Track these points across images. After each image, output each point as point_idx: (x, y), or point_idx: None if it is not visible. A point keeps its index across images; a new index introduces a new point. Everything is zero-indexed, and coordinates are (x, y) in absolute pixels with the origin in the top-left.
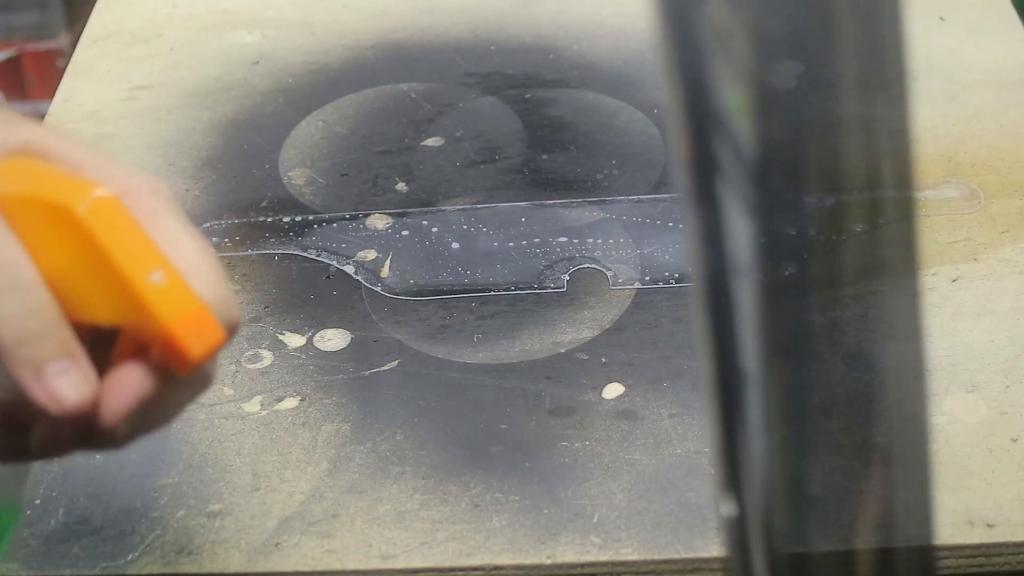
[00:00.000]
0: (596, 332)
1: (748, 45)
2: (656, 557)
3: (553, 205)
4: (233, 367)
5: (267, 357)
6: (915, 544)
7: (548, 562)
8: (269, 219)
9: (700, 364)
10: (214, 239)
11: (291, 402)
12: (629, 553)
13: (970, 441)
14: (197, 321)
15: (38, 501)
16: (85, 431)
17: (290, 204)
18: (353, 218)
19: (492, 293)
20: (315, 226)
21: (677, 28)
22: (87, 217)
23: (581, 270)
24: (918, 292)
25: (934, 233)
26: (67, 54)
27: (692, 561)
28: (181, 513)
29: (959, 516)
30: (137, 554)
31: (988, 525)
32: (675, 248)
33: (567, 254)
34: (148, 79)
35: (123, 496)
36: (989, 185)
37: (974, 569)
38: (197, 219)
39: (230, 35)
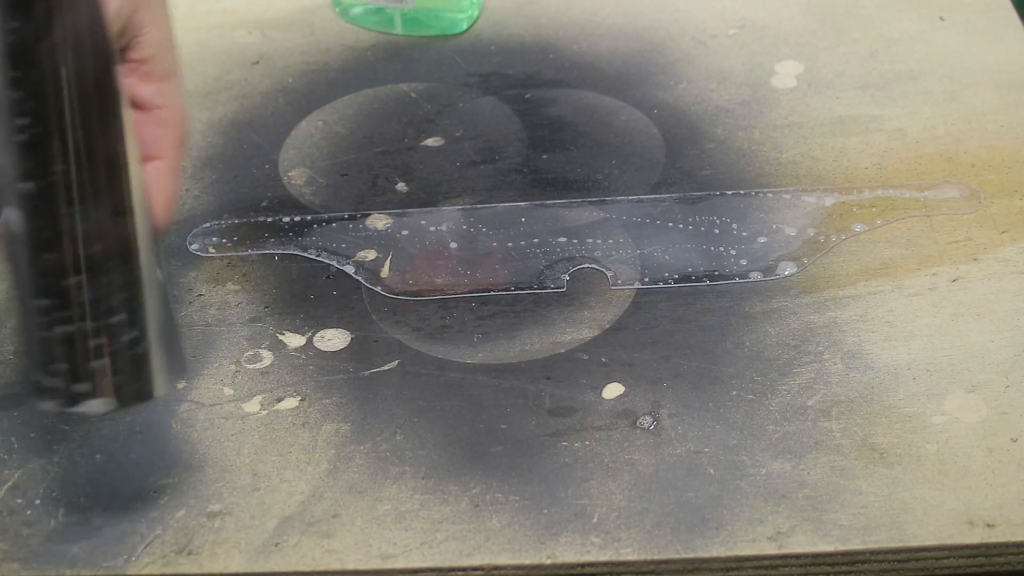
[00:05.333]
0: (596, 332)
1: None
2: (656, 557)
3: (553, 205)
4: (233, 367)
5: (267, 357)
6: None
7: (548, 562)
8: (269, 219)
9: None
10: (214, 239)
11: (291, 402)
12: (629, 553)
13: (970, 441)
14: None
15: (38, 501)
16: None
17: (290, 204)
18: (353, 218)
19: (492, 293)
20: (315, 226)
21: None
22: None
23: (581, 270)
24: None
25: (934, 233)
26: None
27: (692, 561)
28: (181, 513)
29: (959, 516)
30: (137, 554)
31: (988, 525)
32: (675, 248)
33: (567, 254)
34: None
35: (123, 496)
36: (989, 185)
37: (974, 569)
38: (197, 219)
39: (230, 35)
